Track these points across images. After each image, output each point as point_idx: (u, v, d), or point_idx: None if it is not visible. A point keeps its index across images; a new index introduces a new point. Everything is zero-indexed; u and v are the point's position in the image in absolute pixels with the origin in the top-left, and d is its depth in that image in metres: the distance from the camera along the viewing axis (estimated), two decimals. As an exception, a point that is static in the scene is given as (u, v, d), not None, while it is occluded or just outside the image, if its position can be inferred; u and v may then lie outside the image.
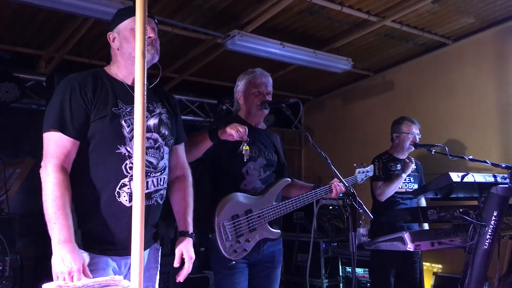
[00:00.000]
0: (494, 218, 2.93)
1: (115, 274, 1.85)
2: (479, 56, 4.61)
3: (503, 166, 3.04)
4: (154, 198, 1.95)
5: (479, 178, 3.03)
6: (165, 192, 2.04)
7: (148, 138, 1.93)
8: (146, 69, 1.86)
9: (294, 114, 2.51)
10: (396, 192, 3.72)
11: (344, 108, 6.03)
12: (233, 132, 2.37)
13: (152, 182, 1.93)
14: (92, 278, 1.64)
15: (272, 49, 4.21)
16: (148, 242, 2.00)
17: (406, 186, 3.80)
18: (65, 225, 1.70)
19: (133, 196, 1.67)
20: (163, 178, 2.00)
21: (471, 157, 3.29)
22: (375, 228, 3.80)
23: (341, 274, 4.83)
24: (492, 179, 3.06)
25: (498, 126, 4.43)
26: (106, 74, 1.98)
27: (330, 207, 5.19)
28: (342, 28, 4.40)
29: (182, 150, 2.20)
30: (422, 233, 3.37)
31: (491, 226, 2.92)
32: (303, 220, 5.08)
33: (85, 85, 1.87)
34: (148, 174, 1.91)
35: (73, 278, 1.64)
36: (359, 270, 4.48)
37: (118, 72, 1.98)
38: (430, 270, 4.67)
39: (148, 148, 1.92)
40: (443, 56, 4.90)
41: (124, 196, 1.85)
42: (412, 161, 3.73)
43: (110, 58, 2.03)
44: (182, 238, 2.10)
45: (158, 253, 2.12)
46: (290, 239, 5.15)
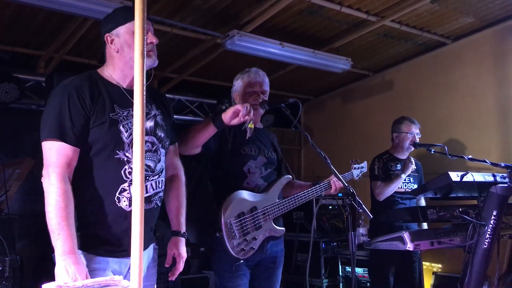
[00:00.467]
0: (493, 217, 2.93)
1: (115, 274, 1.85)
2: (479, 55, 4.61)
3: (503, 165, 3.04)
4: (154, 201, 1.96)
5: (479, 177, 3.04)
6: (163, 193, 2.04)
7: (145, 141, 1.92)
8: (145, 71, 1.86)
9: (293, 114, 2.51)
10: (395, 192, 3.73)
11: (343, 108, 6.03)
12: (238, 107, 2.27)
13: (151, 185, 1.93)
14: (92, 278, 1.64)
15: (271, 49, 4.21)
16: (147, 243, 2.01)
17: (405, 186, 3.80)
18: (69, 236, 1.70)
19: (132, 198, 1.67)
20: (161, 181, 2.00)
21: (471, 156, 3.29)
22: (375, 227, 3.80)
23: (340, 273, 4.83)
24: (491, 179, 3.07)
25: (497, 126, 4.43)
26: (101, 77, 1.94)
27: (330, 207, 5.19)
28: (341, 28, 4.40)
29: (175, 150, 2.19)
30: (422, 232, 3.37)
31: (491, 226, 2.93)
32: (303, 220, 5.08)
33: (82, 91, 1.83)
34: (146, 178, 1.91)
35: None
36: (359, 270, 4.48)
37: (113, 74, 1.95)
38: (430, 269, 4.67)
39: (146, 151, 1.91)
40: (443, 55, 4.91)
41: (124, 201, 1.85)
42: (412, 161, 3.73)
43: (104, 59, 1.99)
44: (175, 238, 2.14)
45: (156, 252, 2.13)
46: (289, 239, 5.14)
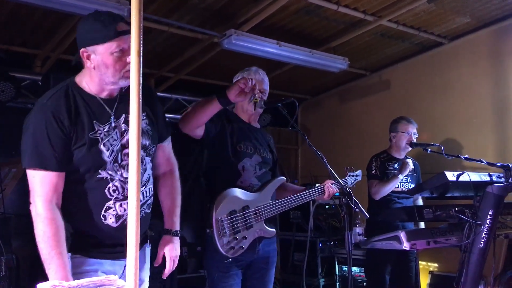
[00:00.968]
0: (489, 217, 2.95)
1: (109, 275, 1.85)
2: (475, 55, 4.62)
3: (499, 165, 3.05)
4: (143, 211, 1.94)
5: (475, 177, 3.05)
6: (152, 199, 2.01)
7: (127, 154, 1.86)
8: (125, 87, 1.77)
9: (290, 114, 2.51)
10: (392, 191, 3.73)
11: (340, 107, 6.04)
12: (241, 83, 2.25)
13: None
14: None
15: (268, 48, 4.22)
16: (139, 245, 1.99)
17: (402, 185, 3.81)
18: (60, 264, 1.67)
19: (128, 200, 1.66)
20: (149, 189, 1.98)
21: (467, 156, 3.30)
22: (371, 227, 3.81)
23: (337, 273, 4.83)
24: (487, 178, 3.08)
25: (493, 125, 4.44)
26: (78, 88, 1.85)
27: (327, 206, 5.20)
28: (339, 27, 4.40)
29: (168, 146, 2.14)
30: (418, 232, 3.38)
31: (487, 225, 2.94)
32: (300, 219, 5.08)
33: (60, 112, 1.76)
34: None
35: None
36: (355, 269, 4.49)
37: (90, 85, 1.86)
38: (426, 269, 4.68)
39: (127, 166, 1.85)
40: (439, 55, 4.92)
41: (110, 218, 1.84)
42: (409, 163, 3.71)
43: (79, 65, 1.88)
44: (166, 236, 2.08)
45: (148, 250, 2.12)
46: (286, 238, 5.15)
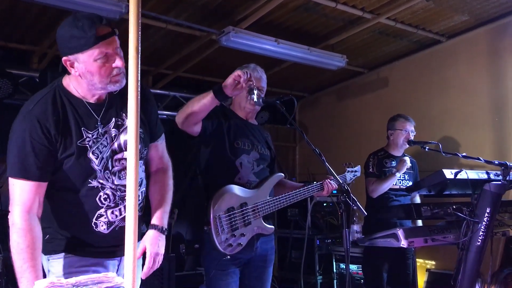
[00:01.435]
0: (487, 214, 2.95)
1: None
2: (473, 53, 4.63)
3: (496, 163, 3.05)
4: None
5: (472, 175, 3.05)
6: (144, 201, 1.99)
7: (119, 160, 1.84)
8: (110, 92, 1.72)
9: (288, 111, 2.50)
10: (390, 188, 3.73)
11: (338, 105, 6.04)
12: (237, 74, 2.23)
13: None
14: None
15: (266, 45, 4.21)
16: None
17: (400, 183, 3.81)
18: (32, 279, 1.62)
19: (127, 199, 1.65)
20: (141, 192, 1.96)
21: (465, 154, 3.30)
22: (369, 224, 3.81)
23: (335, 270, 4.84)
24: (485, 176, 3.08)
25: (491, 123, 4.45)
26: (65, 92, 1.80)
27: (324, 204, 5.20)
28: (337, 25, 4.40)
29: (161, 144, 2.09)
30: (416, 229, 3.38)
31: (484, 223, 2.94)
32: (297, 217, 5.08)
33: (46, 119, 1.70)
34: (124, 198, 1.83)
35: None
36: (353, 267, 4.49)
37: (79, 89, 1.80)
38: (424, 266, 4.69)
39: (120, 170, 1.84)
40: (437, 53, 4.92)
41: (102, 225, 1.82)
42: (406, 161, 3.71)
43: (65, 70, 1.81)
44: (151, 231, 1.92)
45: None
46: (284, 236, 5.16)
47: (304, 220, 4.99)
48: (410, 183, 3.85)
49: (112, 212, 1.84)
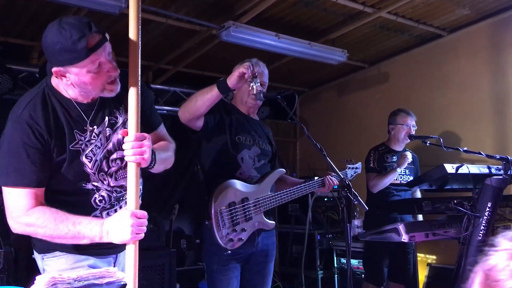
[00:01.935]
0: (488, 209, 2.95)
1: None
2: (474, 47, 4.61)
3: (498, 157, 3.05)
4: None
5: (474, 169, 3.05)
6: (141, 201, 1.92)
7: (115, 160, 1.80)
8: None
9: (289, 106, 2.50)
10: (391, 183, 3.73)
11: (339, 100, 6.02)
12: (240, 69, 2.25)
13: (125, 203, 1.77)
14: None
15: (267, 40, 4.19)
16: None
17: (401, 178, 3.80)
18: (86, 224, 1.63)
19: (127, 196, 1.65)
20: (139, 189, 1.91)
21: (466, 148, 3.30)
22: (370, 219, 3.81)
23: (336, 265, 4.84)
24: (486, 171, 3.08)
25: (492, 118, 4.44)
26: (55, 93, 1.73)
27: (325, 199, 5.20)
28: (338, 19, 4.38)
29: (161, 131, 2.04)
30: (417, 224, 3.39)
31: (485, 217, 2.94)
32: (298, 212, 5.08)
33: (36, 123, 1.64)
34: (120, 199, 1.83)
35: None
36: (354, 262, 4.50)
37: (69, 91, 1.73)
38: (424, 261, 4.70)
39: (116, 171, 1.81)
40: (438, 47, 4.90)
41: None
42: (408, 156, 3.70)
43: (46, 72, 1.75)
44: None
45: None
46: (285, 231, 5.16)
47: (305, 215, 4.99)
48: (411, 178, 3.85)
49: (107, 213, 1.82)
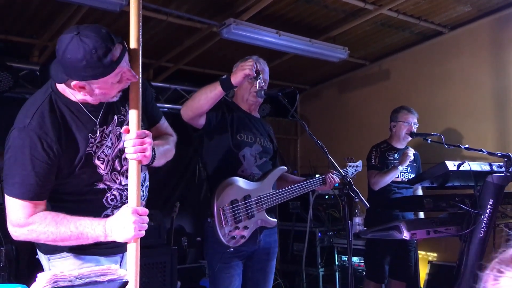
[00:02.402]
0: (489, 206, 2.95)
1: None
2: (476, 44, 4.60)
3: (499, 154, 3.05)
4: None
5: (475, 166, 3.04)
6: (147, 195, 1.97)
7: (126, 158, 1.75)
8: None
9: (290, 103, 2.49)
10: (392, 181, 3.72)
11: (340, 97, 6.02)
12: (246, 70, 2.27)
13: None
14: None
15: (268, 37, 4.18)
16: None
17: (403, 175, 3.80)
18: (88, 224, 1.63)
19: (128, 194, 1.66)
20: (145, 188, 1.94)
21: (467, 146, 3.29)
22: (371, 217, 3.81)
23: (337, 263, 4.85)
24: (488, 168, 3.07)
25: (494, 115, 4.43)
26: (62, 98, 1.71)
27: (326, 197, 5.20)
28: (339, 16, 4.37)
29: (163, 124, 2.06)
30: (418, 221, 3.38)
31: (487, 215, 2.94)
32: (299, 209, 5.08)
33: (46, 133, 1.62)
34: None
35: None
36: (355, 259, 4.50)
37: (77, 96, 1.71)
38: (426, 258, 4.70)
39: (123, 173, 1.81)
40: (440, 45, 4.89)
41: None
42: (410, 154, 3.69)
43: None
44: None
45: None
46: (286, 229, 5.16)
47: (306, 212, 4.99)
48: (413, 176, 3.84)
49: None
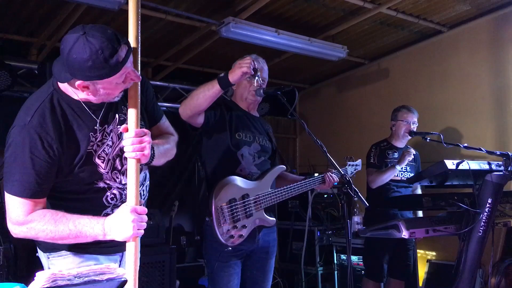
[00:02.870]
0: (488, 205, 2.94)
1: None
2: (474, 43, 4.60)
3: (498, 153, 3.04)
4: None
5: (474, 165, 3.04)
6: (148, 194, 1.97)
7: (122, 160, 1.78)
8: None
9: (289, 102, 2.49)
10: (391, 180, 3.73)
11: (339, 96, 6.02)
12: (244, 68, 2.26)
13: None
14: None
15: (267, 36, 4.18)
16: None
17: (402, 174, 3.80)
18: (87, 222, 1.63)
19: (127, 193, 1.66)
20: (146, 187, 1.94)
21: (466, 144, 3.29)
22: (370, 216, 3.81)
23: (336, 261, 4.84)
24: (486, 167, 3.07)
25: (492, 114, 4.43)
26: (64, 96, 1.70)
27: (325, 196, 5.20)
28: (338, 15, 4.36)
29: (164, 123, 2.05)
30: (417, 220, 3.38)
31: (486, 213, 2.94)
32: (298, 208, 5.08)
33: (46, 132, 1.61)
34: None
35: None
36: (354, 258, 4.50)
37: (80, 94, 1.69)
38: (424, 257, 4.70)
39: (123, 173, 1.80)
40: (438, 43, 4.89)
41: None
42: (410, 154, 3.67)
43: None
44: None
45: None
46: (285, 228, 5.16)
47: (304, 211, 4.99)
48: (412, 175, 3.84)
49: None
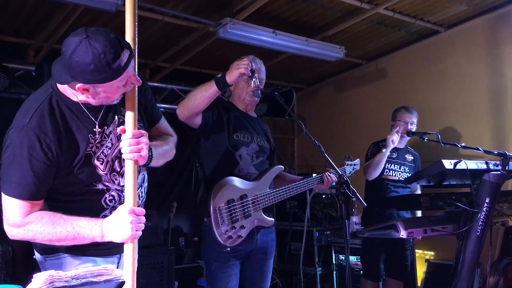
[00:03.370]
0: (486, 204, 2.94)
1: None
2: (472, 43, 4.61)
3: (495, 153, 3.04)
4: None
5: (472, 165, 3.04)
6: (145, 196, 1.96)
7: (119, 162, 1.77)
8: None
9: (287, 103, 2.49)
10: (388, 180, 3.73)
11: (337, 96, 6.02)
12: (241, 69, 2.28)
13: None
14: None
15: (264, 37, 4.18)
16: None
17: (400, 175, 3.80)
18: (85, 224, 1.62)
19: (125, 194, 1.65)
20: (144, 189, 1.93)
21: (464, 144, 3.29)
22: (368, 216, 3.82)
23: (334, 262, 4.85)
24: (484, 166, 3.07)
25: (490, 113, 4.44)
26: (62, 98, 1.69)
27: (323, 196, 5.20)
28: (335, 16, 4.37)
29: (163, 124, 2.05)
30: (415, 220, 3.38)
31: (483, 213, 2.94)
32: (296, 209, 5.09)
33: (45, 134, 1.61)
34: None
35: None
36: (352, 258, 4.51)
37: (79, 96, 1.68)
38: (423, 257, 4.71)
39: (122, 175, 1.78)
40: (436, 43, 4.90)
41: None
42: (393, 134, 3.63)
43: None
44: None
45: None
46: (283, 228, 5.16)
47: (303, 212, 4.99)
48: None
49: None
